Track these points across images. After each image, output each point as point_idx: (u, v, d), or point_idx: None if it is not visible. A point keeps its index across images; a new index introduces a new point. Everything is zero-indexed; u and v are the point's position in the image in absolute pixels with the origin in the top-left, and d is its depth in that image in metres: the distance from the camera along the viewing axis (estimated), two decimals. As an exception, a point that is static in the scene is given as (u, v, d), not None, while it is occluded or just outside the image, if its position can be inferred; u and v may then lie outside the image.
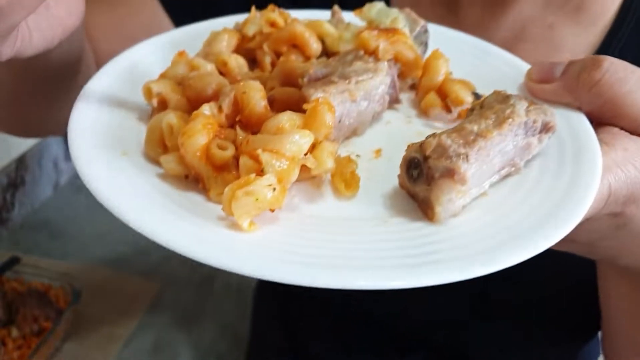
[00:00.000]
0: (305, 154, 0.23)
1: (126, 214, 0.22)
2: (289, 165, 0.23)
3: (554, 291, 0.47)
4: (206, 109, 0.24)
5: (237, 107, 0.24)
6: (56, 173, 1.09)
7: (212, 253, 0.21)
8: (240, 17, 0.31)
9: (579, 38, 0.42)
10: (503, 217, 0.23)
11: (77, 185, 1.10)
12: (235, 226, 0.22)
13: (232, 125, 0.24)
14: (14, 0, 0.22)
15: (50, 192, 1.06)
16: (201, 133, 0.23)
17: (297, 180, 0.24)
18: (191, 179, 0.24)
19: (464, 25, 0.41)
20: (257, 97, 0.24)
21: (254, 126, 0.24)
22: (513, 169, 0.25)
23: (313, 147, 0.24)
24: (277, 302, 0.71)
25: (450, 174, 0.22)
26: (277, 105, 0.24)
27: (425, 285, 0.20)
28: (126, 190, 0.23)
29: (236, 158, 0.23)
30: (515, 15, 0.41)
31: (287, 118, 0.23)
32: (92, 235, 0.97)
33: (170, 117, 0.24)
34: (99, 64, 0.36)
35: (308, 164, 0.24)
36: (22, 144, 1.01)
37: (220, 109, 0.24)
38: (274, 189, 0.22)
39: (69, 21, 0.30)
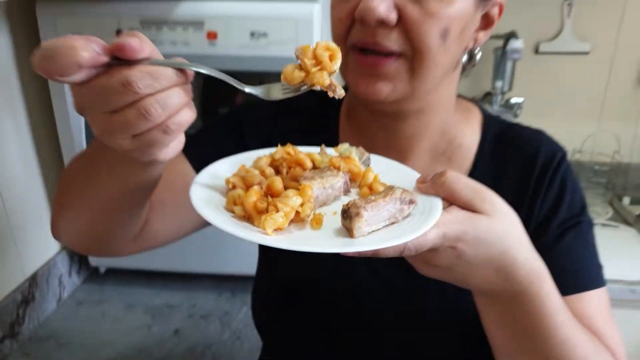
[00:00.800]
0: (299, 207, 0.45)
1: (219, 226, 0.42)
2: (290, 209, 0.44)
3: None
4: (255, 187, 0.47)
5: (268, 189, 0.47)
6: (60, 288, 1.17)
7: (250, 235, 0.41)
8: (270, 150, 0.54)
9: None
10: (383, 236, 0.43)
11: (77, 299, 1.19)
12: (264, 232, 0.43)
13: (265, 195, 0.47)
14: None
15: (54, 306, 1.15)
16: (252, 196, 0.46)
17: (292, 221, 0.45)
18: (244, 218, 0.46)
19: None
20: (278, 183, 0.47)
21: (275, 196, 0.46)
22: (394, 219, 0.45)
23: (302, 205, 0.45)
24: None
25: (357, 214, 0.43)
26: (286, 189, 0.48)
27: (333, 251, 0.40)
28: (218, 218, 0.43)
29: (267, 209, 0.45)
30: (416, 163, 0.64)
31: (291, 192, 0.46)
32: (97, 343, 1.05)
33: (239, 191, 0.47)
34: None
35: (299, 211, 0.45)
36: (34, 263, 1.11)
37: (261, 187, 0.47)
38: (282, 219, 0.43)
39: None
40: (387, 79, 0.55)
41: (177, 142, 0.40)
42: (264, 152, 0.53)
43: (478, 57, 0.63)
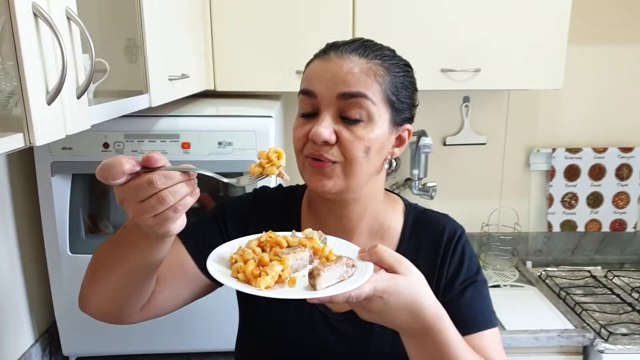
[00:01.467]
0: (281, 272, 0.64)
1: (231, 286, 0.61)
2: (275, 273, 0.62)
3: None
4: (251, 260, 0.65)
5: (259, 261, 0.65)
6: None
7: (250, 290, 0.60)
8: (257, 235, 0.73)
9: None
10: (335, 289, 0.61)
11: None
12: (259, 288, 0.61)
13: (258, 266, 0.64)
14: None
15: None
16: (250, 266, 0.64)
17: (276, 282, 0.63)
18: (245, 281, 0.64)
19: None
20: (266, 257, 0.66)
21: (264, 266, 0.64)
22: (342, 278, 0.63)
23: (282, 271, 0.64)
24: None
25: (318, 274, 0.61)
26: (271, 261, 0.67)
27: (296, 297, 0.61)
28: (229, 281, 0.62)
29: (260, 274, 0.63)
30: (357, 241, 0.81)
31: (275, 263, 0.65)
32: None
33: (240, 264, 0.65)
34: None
35: (281, 274, 0.63)
36: (12, 355, 1.19)
37: (254, 261, 0.65)
38: (271, 279, 0.61)
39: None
40: (328, 177, 0.76)
41: (182, 220, 0.62)
42: (254, 237, 0.73)
43: (395, 165, 0.86)
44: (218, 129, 1.18)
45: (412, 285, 0.65)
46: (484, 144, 1.94)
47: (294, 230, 0.75)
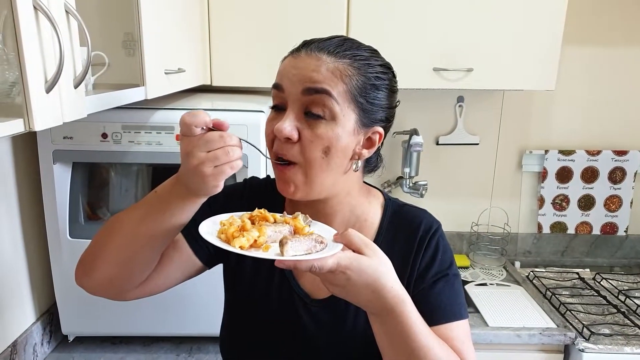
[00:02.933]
0: (257, 238, 0.70)
1: (207, 239, 0.68)
2: (251, 237, 0.69)
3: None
4: (233, 227, 0.71)
5: (242, 227, 0.71)
6: (34, 356, 1.31)
7: (224, 245, 0.67)
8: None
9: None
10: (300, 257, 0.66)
11: None
12: (232, 246, 0.67)
13: (240, 231, 0.70)
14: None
15: (28, 371, 1.29)
16: (231, 228, 0.70)
17: (252, 246, 0.69)
18: (226, 242, 0.70)
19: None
20: (248, 224, 0.72)
21: (245, 231, 0.70)
22: (310, 251, 0.68)
23: (259, 237, 0.70)
24: None
25: (285, 242, 0.66)
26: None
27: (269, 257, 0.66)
28: (209, 238, 0.69)
29: (238, 236, 0.69)
30: (336, 225, 0.86)
31: (254, 230, 0.70)
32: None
33: (224, 227, 0.72)
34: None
35: (257, 239, 0.70)
36: (14, 332, 1.26)
37: (237, 227, 0.71)
38: (245, 241, 0.68)
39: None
40: (289, 182, 0.80)
41: (222, 184, 0.71)
42: (249, 213, 0.78)
43: (359, 165, 0.85)
44: (212, 122, 1.23)
45: (374, 266, 0.69)
46: (477, 144, 1.98)
47: (285, 212, 0.80)
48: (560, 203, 2.05)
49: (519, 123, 2.00)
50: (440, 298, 0.84)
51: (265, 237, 0.70)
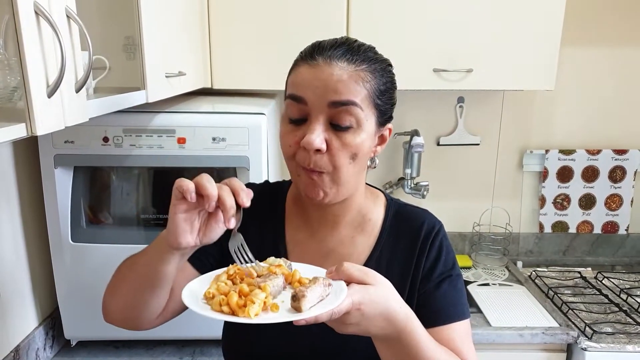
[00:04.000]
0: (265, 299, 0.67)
1: (195, 310, 0.65)
2: (262, 300, 0.66)
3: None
4: (233, 294, 0.68)
5: (240, 292, 0.68)
6: (36, 360, 1.32)
7: (243, 320, 0.63)
8: (222, 270, 0.77)
9: (366, 241, 0.89)
10: (318, 309, 0.64)
11: None
12: (247, 316, 0.64)
13: (239, 297, 0.68)
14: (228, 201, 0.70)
15: (31, 376, 1.29)
16: (234, 298, 0.66)
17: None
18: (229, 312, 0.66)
19: (318, 238, 0.90)
20: (245, 288, 0.69)
21: (245, 296, 0.67)
22: (321, 297, 0.66)
23: (266, 297, 0.67)
24: None
25: (303, 296, 0.64)
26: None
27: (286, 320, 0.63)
28: (195, 306, 0.67)
29: (245, 304, 0.66)
30: (340, 233, 0.89)
31: (257, 291, 0.68)
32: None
33: (220, 297, 0.67)
34: None
35: (265, 301, 0.67)
36: (17, 337, 1.26)
37: (235, 292, 0.68)
38: (259, 307, 0.65)
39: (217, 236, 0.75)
40: (319, 188, 0.80)
41: (183, 235, 0.72)
42: (221, 270, 0.75)
43: (377, 161, 0.87)
44: (212, 125, 1.23)
45: (383, 293, 0.69)
46: (478, 144, 1.98)
47: (257, 261, 0.77)
48: (562, 202, 2.05)
49: (519, 123, 2.00)
50: (445, 299, 0.85)
51: (270, 296, 0.68)
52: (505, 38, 1.57)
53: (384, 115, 0.82)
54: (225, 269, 0.75)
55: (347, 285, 0.68)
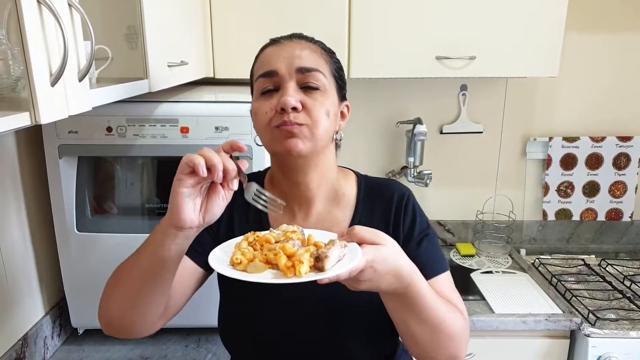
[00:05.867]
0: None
1: (227, 274, 0.68)
2: (310, 260, 0.70)
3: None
4: (282, 256, 0.70)
5: (284, 251, 0.72)
6: (44, 349, 1.32)
7: (294, 280, 0.67)
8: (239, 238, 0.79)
9: (343, 214, 0.95)
10: (338, 268, 0.68)
11: (59, 358, 1.34)
12: (298, 275, 0.68)
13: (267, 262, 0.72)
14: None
15: (39, 363, 1.31)
16: (281, 259, 0.70)
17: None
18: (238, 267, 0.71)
19: (299, 218, 0.95)
20: (289, 248, 0.72)
21: (290, 257, 0.71)
22: (339, 258, 0.70)
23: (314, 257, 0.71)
24: None
25: (326, 257, 0.68)
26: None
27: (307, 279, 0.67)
28: (227, 271, 0.69)
29: (293, 265, 0.69)
30: (318, 209, 0.95)
31: (303, 251, 0.72)
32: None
33: (239, 255, 0.72)
34: None
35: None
36: (25, 326, 1.27)
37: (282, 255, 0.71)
38: (307, 267, 0.68)
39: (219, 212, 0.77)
40: (298, 137, 0.84)
41: (185, 210, 0.74)
42: (239, 239, 0.78)
43: (341, 135, 0.95)
44: (215, 114, 1.24)
45: (392, 252, 0.74)
46: (481, 132, 1.98)
47: (270, 228, 0.81)
48: (565, 190, 2.05)
49: (522, 110, 2.00)
50: (427, 254, 0.92)
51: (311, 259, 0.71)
52: (509, 25, 1.56)
53: (342, 91, 0.93)
54: (242, 237, 0.77)
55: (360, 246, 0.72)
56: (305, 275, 0.67)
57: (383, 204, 0.96)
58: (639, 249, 2.11)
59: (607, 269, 1.90)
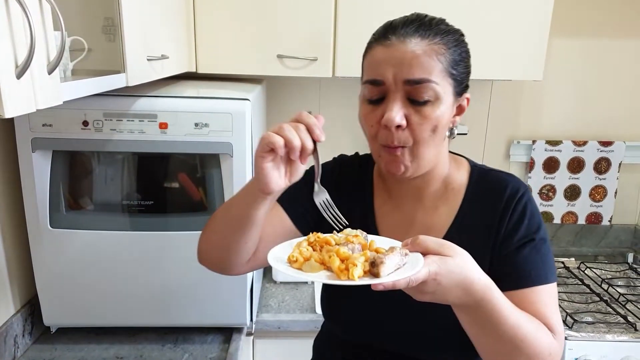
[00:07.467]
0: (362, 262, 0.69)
1: (282, 271, 0.69)
2: (364, 264, 0.68)
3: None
4: (335, 259, 0.70)
5: (338, 255, 0.71)
6: (15, 348, 1.29)
7: (347, 282, 0.66)
8: (301, 238, 0.79)
9: (449, 210, 0.91)
10: (395, 274, 0.66)
11: (30, 357, 1.31)
12: (351, 279, 0.66)
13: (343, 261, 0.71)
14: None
15: (8, 363, 1.27)
16: (335, 262, 0.69)
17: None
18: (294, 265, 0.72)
19: (403, 210, 0.94)
20: (343, 252, 0.71)
21: (343, 260, 0.70)
22: (398, 266, 0.67)
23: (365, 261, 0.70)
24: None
25: (382, 263, 0.65)
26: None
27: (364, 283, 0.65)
28: (282, 268, 0.70)
29: (347, 268, 0.68)
30: (424, 204, 0.92)
31: (358, 255, 0.70)
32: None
33: (312, 262, 0.71)
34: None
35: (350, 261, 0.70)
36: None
37: (336, 257, 0.70)
38: (360, 270, 0.67)
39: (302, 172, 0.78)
40: (401, 161, 0.83)
41: (269, 175, 0.75)
42: (302, 239, 0.78)
43: (455, 131, 0.89)
44: (195, 110, 1.21)
45: (460, 264, 0.70)
46: (465, 134, 1.98)
47: (334, 231, 0.80)
48: (547, 193, 2.06)
49: (507, 113, 2.00)
50: (527, 262, 0.85)
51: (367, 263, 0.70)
52: (494, 28, 1.56)
53: (461, 85, 0.84)
54: (305, 237, 0.78)
55: (424, 256, 0.70)
56: (359, 279, 0.66)
57: (492, 198, 0.89)
58: (617, 252, 2.13)
59: (585, 272, 1.92)
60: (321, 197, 0.80)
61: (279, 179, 0.76)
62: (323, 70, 1.55)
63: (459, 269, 0.69)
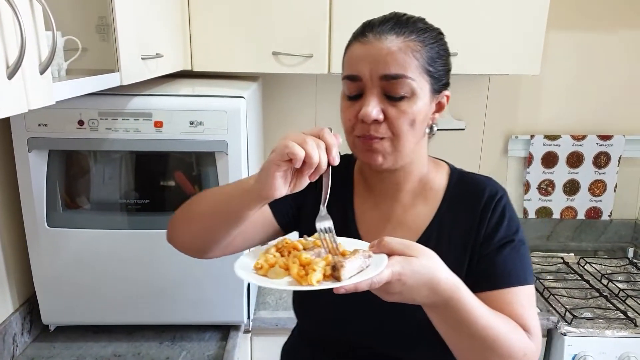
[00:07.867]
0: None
1: (245, 279, 0.69)
2: (322, 269, 0.69)
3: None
4: (295, 265, 0.71)
5: (300, 262, 0.71)
6: (14, 346, 1.29)
7: (306, 288, 0.66)
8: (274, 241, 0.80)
9: (427, 209, 0.91)
10: (357, 278, 0.66)
11: (29, 356, 1.31)
12: (309, 284, 0.67)
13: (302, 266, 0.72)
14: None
15: (9, 363, 1.28)
16: (294, 269, 0.70)
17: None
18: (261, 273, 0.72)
19: (382, 207, 0.94)
20: (304, 257, 0.72)
21: (304, 265, 0.70)
22: (361, 269, 0.68)
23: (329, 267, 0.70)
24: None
25: (341, 266, 0.66)
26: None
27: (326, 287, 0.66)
28: (246, 276, 0.70)
29: (306, 273, 0.69)
30: (402, 201, 0.92)
31: (318, 260, 0.71)
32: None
33: (277, 268, 0.72)
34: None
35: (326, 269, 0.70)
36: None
37: (295, 264, 0.71)
38: (320, 274, 0.67)
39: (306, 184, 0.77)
40: (378, 152, 0.83)
41: (277, 185, 0.74)
42: (271, 244, 0.78)
43: (435, 129, 0.89)
44: (189, 108, 1.21)
45: (426, 264, 0.70)
46: (463, 129, 1.97)
47: (305, 235, 0.82)
48: (546, 188, 2.06)
49: (505, 108, 1.99)
50: (506, 262, 0.86)
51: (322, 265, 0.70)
52: (491, 22, 1.55)
53: (439, 82, 0.85)
54: (274, 241, 0.79)
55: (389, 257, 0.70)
56: (318, 283, 0.66)
57: (471, 201, 0.90)
58: (617, 247, 2.13)
59: (585, 267, 1.92)
60: (325, 223, 0.77)
61: (283, 188, 0.75)
62: (319, 67, 1.55)
63: (425, 269, 0.70)
